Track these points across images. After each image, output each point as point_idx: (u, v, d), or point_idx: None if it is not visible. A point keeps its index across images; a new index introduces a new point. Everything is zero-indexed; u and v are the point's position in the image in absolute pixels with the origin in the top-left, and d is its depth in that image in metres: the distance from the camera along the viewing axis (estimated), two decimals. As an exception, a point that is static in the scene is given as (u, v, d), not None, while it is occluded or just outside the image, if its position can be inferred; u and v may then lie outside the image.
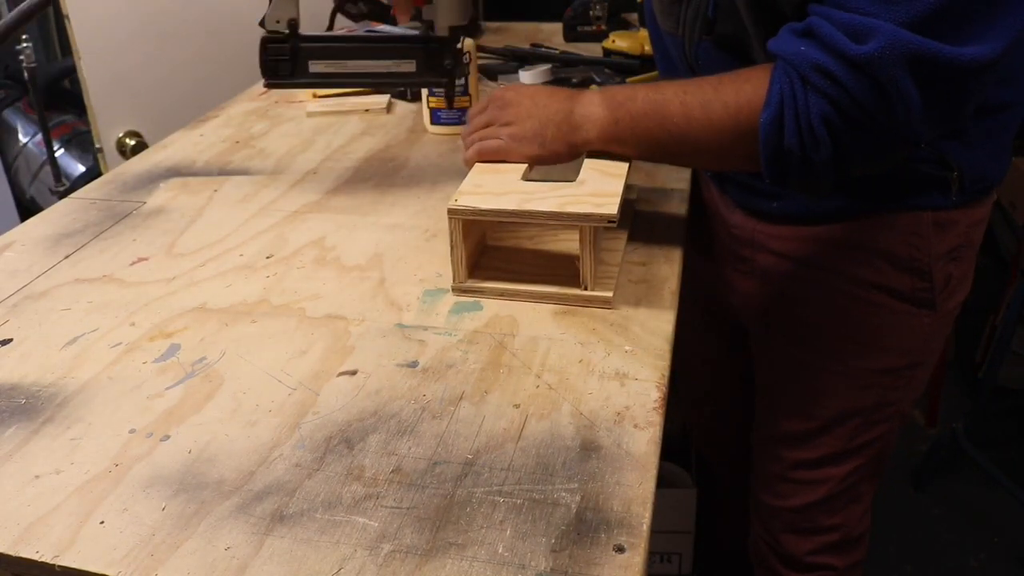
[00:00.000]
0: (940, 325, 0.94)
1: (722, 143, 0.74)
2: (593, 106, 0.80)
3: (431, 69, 0.93)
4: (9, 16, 0.94)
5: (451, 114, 1.19)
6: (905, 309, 0.90)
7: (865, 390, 0.96)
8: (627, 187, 1.00)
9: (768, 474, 1.09)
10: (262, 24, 0.93)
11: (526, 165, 0.83)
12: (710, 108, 0.73)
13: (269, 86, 0.94)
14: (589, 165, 0.83)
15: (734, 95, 0.72)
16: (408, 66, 0.93)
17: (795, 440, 1.03)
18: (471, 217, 0.77)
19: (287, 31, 0.93)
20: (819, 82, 0.66)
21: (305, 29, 0.96)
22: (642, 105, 0.77)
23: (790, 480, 1.06)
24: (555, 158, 0.83)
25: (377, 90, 1.37)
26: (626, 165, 0.83)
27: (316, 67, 0.93)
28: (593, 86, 0.83)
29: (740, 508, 1.36)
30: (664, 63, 1.01)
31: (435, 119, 1.22)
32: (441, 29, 0.93)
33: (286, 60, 0.92)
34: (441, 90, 1.01)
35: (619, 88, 0.82)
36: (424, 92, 1.20)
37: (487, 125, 0.85)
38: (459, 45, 0.95)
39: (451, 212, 0.77)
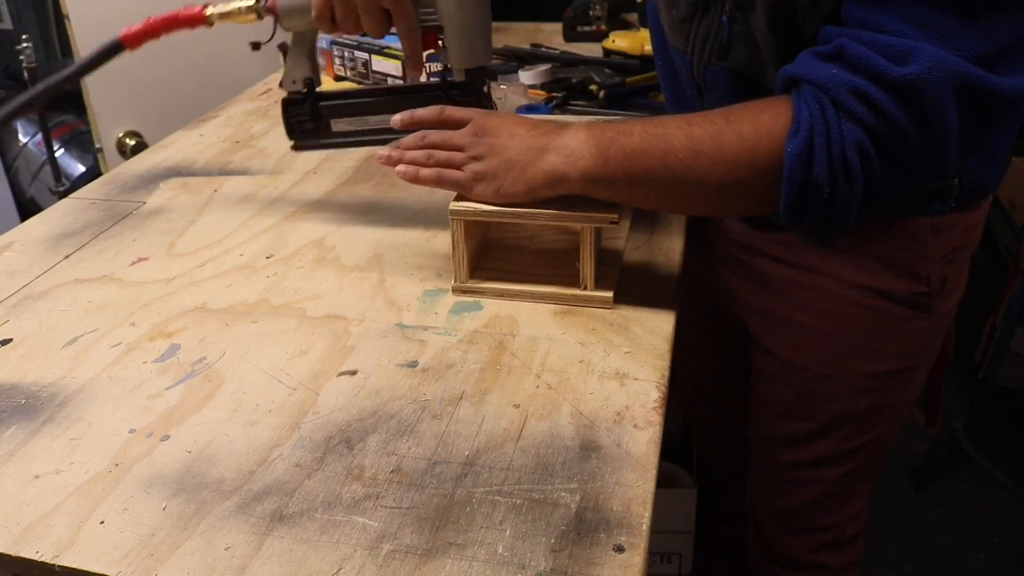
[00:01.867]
0: (937, 327, 0.93)
1: (735, 180, 0.67)
2: (576, 141, 0.71)
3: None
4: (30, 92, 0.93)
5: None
6: (902, 313, 0.89)
7: (861, 394, 0.94)
8: None
9: (763, 474, 1.09)
10: (281, 86, 0.92)
11: None
12: (722, 140, 0.66)
13: (297, 148, 0.92)
14: None
15: (751, 125, 0.65)
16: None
17: (790, 442, 1.02)
18: (473, 218, 0.77)
19: (304, 90, 0.92)
20: (855, 107, 0.61)
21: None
22: (639, 140, 0.69)
23: (785, 480, 1.06)
24: (509, 200, 0.74)
25: (377, 90, 1.37)
26: None
27: (339, 125, 0.92)
28: (586, 118, 0.77)
29: (740, 508, 1.36)
30: (666, 70, 0.98)
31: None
32: (458, 73, 0.88)
33: (308, 120, 0.91)
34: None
35: (610, 122, 0.73)
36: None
37: (460, 148, 0.76)
38: (485, 88, 0.89)
39: (453, 213, 0.77)
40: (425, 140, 0.78)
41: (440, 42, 0.86)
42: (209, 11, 0.91)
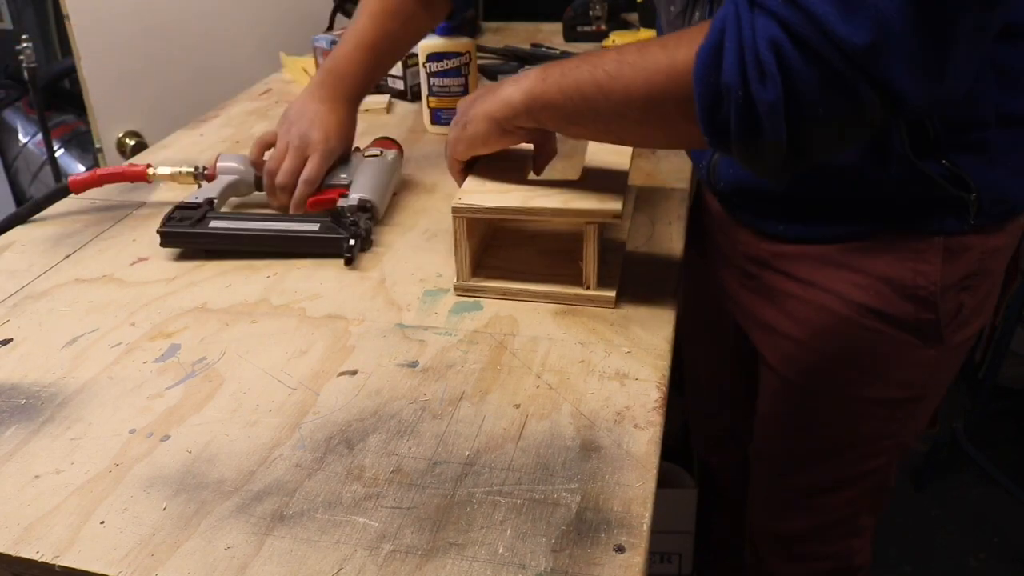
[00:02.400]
0: (949, 358, 0.86)
1: (653, 91, 0.63)
2: (524, 76, 0.74)
3: (336, 229, 0.88)
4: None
5: (451, 114, 1.19)
6: (907, 340, 0.83)
7: (862, 420, 0.90)
8: (628, 187, 1.00)
9: (762, 495, 1.06)
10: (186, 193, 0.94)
11: (528, 163, 0.82)
12: (645, 50, 0.64)
13: (165, 244, 0.90)
14: (591, 161, 0.82)
15: (675, 38, 0.63)
16: (312, 226, 0.89)
17: (788, 463, 0.99)
18: (475, 215, 0.77)
19: (200, 202, 0.93)
20: (767, 0, 0.55)
21: (305, 29, 0.96)
22: (576, 62, 0.69)
23: (783, 503, 1.02)
24: (480, 139, 0.77)
25: (377, 90, 1.37)
26: (628, 161, 0.83)
27: (216, 224, 0.90)
28: None
29: (741, 514, 1.35)
30: None
31: (435, 119, 1.22)
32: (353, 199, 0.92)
33: (188, 223, 0.89)
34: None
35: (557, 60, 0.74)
36: (424, 92, 1.20)
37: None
38: (368, 214, 0.91)
39: (455, 211, 0.77)
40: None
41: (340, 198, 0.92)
42: (151, 171, 1.00)
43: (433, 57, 1.16)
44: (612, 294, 0.77)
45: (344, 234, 0.87)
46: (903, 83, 0.54)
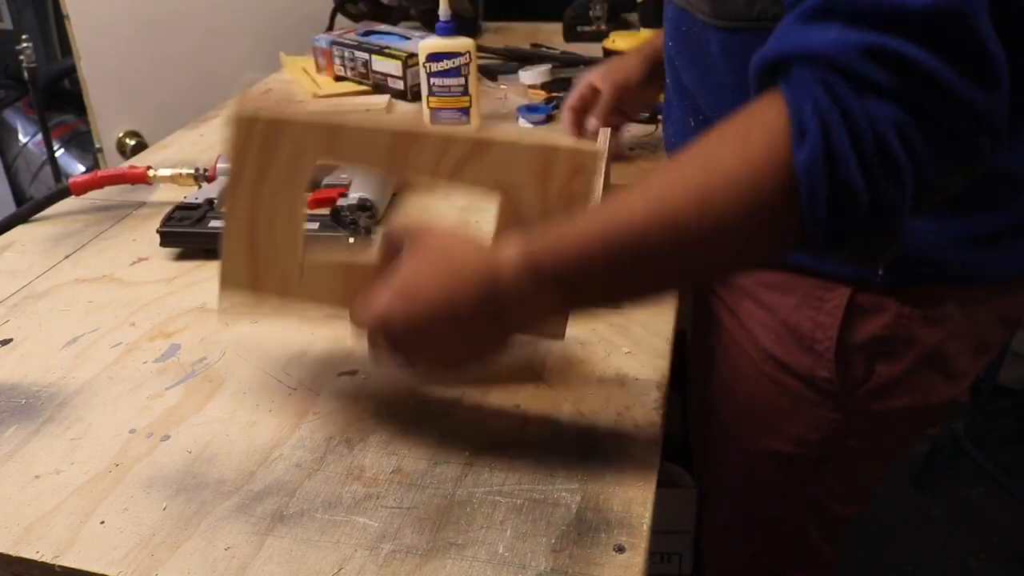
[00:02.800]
0: (865, 426, 0.76)
1: (746, 236, 0.49)
2: (528, 290, 0.52)
3: (335, 228, 0.88)
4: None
5: (452, 114, 1.19)
6: (804, 394, 0.76)
7: (761, 469, 0.84)
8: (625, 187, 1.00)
9: (705, 528, 1.04)
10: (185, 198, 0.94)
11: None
12: (712, 200, 0.48)
13: (165, 244, 0.89)
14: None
15: (740, 158, 0.47)
16: (311, 224, 0.87)
17: (711, 493, 0.97)
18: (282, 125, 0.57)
19: (201, 202, 0.93)
20: (877, 75, 0.44)
21: (305, 29, 0.96)
22: (601, 255, 0.51)
23: (716, 540, 1.00)
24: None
25: (376, 90, 1.37)
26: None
27: (216, 224, 0.89)
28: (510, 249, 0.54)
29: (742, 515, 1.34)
30: (671, 71, 0.87)
31: (436, 119, 1.22)
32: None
33: (188, 223, 0.89)
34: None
35: (555, 240, 0.53)
36: (424, 92, 1.20)
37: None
38: (368, 213, 0.90)
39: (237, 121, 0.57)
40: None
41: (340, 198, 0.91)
42: (151, 173, 1.00)
43: (433, 57, 1.16)
44: None
45: (344, 233, 0.87)
46: (1002, 127, 0.46)
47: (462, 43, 1.16)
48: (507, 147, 0.58)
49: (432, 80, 1.18)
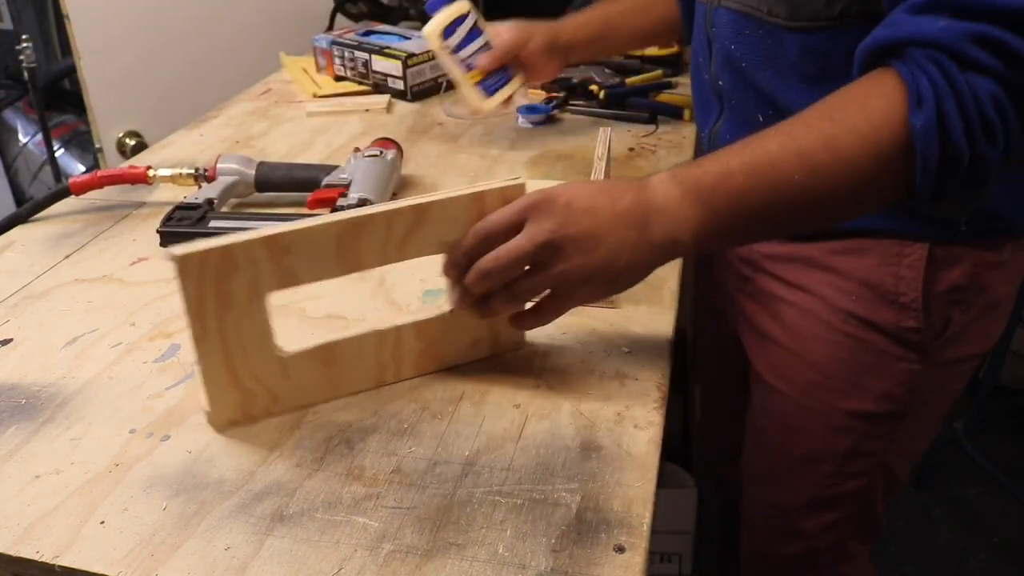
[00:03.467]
0: (938, 377, 0.83)
1: (861, 181, 0.59)
2: (671, 200, 0.60)
3: None
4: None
5: (496, 77, 1.09)
6: (890, 349, 0.80)
7: (839, 433, 0.86)
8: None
9: (750, 517, 1.03)
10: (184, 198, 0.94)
11: None
12: (837, 144, 0.57)
13: (165, 244, 0.89)
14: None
15: (862, 115, 0.57)
16: None
17: (769, 479, 0.96)
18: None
19: (200, 202, 0.93)
20: (981, 56, 0.54)
21: (305, 29, 0.96)
22: (743, 179, 0.59)
23: (769, 527, 0.99)
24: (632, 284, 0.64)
25: (376, 90, 1.37)
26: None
27: (216, 224, 0.90)
28: (659, 174, 0.62)
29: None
30: (696, 64, 0.93)
31: (488, 91, 1.09)
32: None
33: (188, 223, 0.90)
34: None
35: (698, 166, 0.61)
36: (458, 75, 1.09)
37: (528, 271, 0.61)
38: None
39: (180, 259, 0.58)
40: (478, 272, 0.62)
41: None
42: (151, 173, 1.00)
43: (448, 31, 1.07)
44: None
45: None
46: None
47: (461, 5, 1.08)
48: (444, 204, 0.61)
49: (460, 53, 1.08)
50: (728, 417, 1.18)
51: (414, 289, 0.82)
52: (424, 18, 1.55)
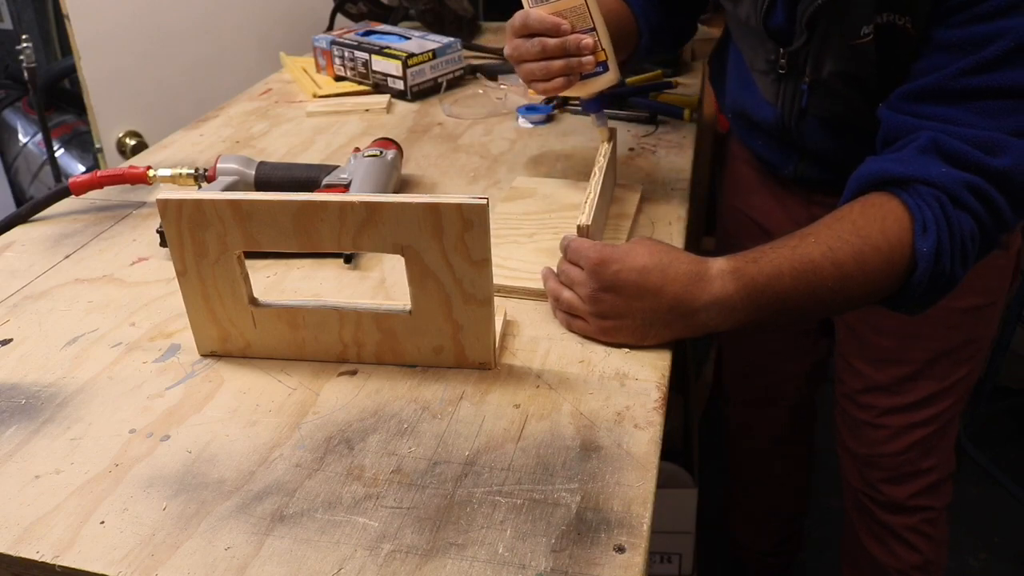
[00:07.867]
0: (1011, 265, 1.01)
1: (874, 289, 0.72)
2: (726, 293, 0.69)
3: None
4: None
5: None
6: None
7: (953, 329, 1.01)
8: (630, 185, 1.00)
9: (858, 425, 1.13)
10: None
11: None
12: (864, 259, 0.70)
13: (165, 244, 0.88)
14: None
15: (881, 235, 0.70)
16: None
17: (887, 388, 1.07)
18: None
19: None
20: (970, 201, 0.69)
21: (305, 29, 0.96)
22: (790, 282, 0.69)
23: (885, 427, 1.10)
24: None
25: (376, 90, 1.37)
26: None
27: None
28: (719, 263, 0.71)
29: (760, 508, 1.46)
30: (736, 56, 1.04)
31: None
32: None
33: None
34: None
35: (755, 263, 0.70)
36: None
37: (581, 296, 0.72)
38: None
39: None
40: (554, 282, 0.76)
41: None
42: (151, 173, 1.00)
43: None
44: None
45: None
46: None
47: None
48: (396, 207, 0.62)
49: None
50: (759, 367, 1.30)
51: (414, 289, 0.82)
52: (423, 18, 1.54)
